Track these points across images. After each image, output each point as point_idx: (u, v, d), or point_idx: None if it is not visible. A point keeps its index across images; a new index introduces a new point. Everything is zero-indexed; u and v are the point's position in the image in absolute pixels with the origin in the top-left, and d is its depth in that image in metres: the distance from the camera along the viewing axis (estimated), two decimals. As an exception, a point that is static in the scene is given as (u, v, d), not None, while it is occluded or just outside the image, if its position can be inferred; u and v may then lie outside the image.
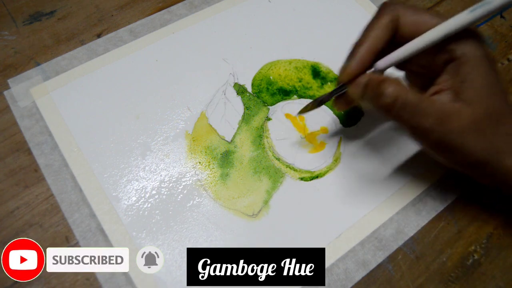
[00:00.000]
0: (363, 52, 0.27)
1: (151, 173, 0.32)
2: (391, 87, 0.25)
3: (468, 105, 0.25)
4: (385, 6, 0.27)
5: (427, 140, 0.26)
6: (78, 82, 0.35)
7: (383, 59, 0.27)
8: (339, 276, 0.30)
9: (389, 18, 0.27)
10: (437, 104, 0.25)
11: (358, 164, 0.34)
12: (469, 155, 0.26)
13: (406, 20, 0.27)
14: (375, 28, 0.27)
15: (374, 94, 0.26)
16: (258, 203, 0.32)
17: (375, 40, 0.27)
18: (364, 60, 0.27)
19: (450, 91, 0.26)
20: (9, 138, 0.33)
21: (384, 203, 0.33)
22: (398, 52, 0.27)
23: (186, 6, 0.40)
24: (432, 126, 0.25)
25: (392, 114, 0.26)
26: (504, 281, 0.31)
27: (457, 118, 0.25)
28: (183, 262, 0.29)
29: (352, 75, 0.27)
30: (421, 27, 0.26)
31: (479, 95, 0.25)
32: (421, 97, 0.25)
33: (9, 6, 0.38)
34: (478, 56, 0.25)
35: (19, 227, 0.30)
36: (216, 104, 0.35)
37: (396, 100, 0.25)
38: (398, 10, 0.27)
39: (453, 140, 0.25)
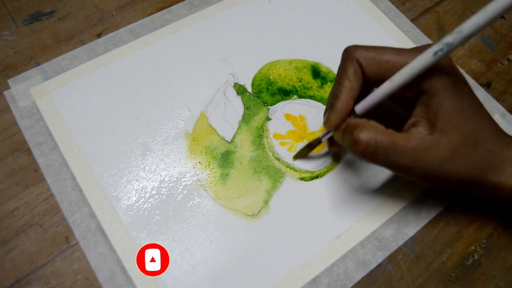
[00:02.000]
0: (341, 104, 0.28)
1: (151, 173, 0.32)
2: (362, 133, 0.26)
3: (444, 135, 0.26)
4: (346, 55, 0.28)
5: (410, 175, 0.27)
6: (78, 82, 0.35)
7: (359, 105, 0.28)
8: (339, 276, 0.30)
9: (353, 67, 0.28)
10: (412, 141, 0.26)
11: (358, 164, 0.34)
12: (453, 179, 0.27)
13: (367, 64, 0.27)
14: (345, 80, 0.28)
15: (350, 140, 0.27)
16: (258, 203, 0.32)
17: (348, 91, 0.28)
18: (343, 111, 0.28)
19: (425, 122, 0.26)
20: (9, 138, 0.33)
21: (384, 203, 0.33)
22: (371, 97, 0.28)
23: (186, 6, 0.40)
24: (411, 164, 0.26)
25: (367, 158, 0.27)
26: (504, 281, 0.31)
27: (435, 151, 0.26)
28: (183, 262, 0.29)
29: (335, 126, 0.29)
30: (383, 67, 0.27)
31: (453, 123, 0.26)
32: (394, 137, 0.26)
33: (9, 6, 0.38)
34: (446, 86, 0.26)
35: (19, 227, 0.30)
36: (216, 104, 0.35)
37: (368, 145, 0.26)
38: (358, 55, 0.28)
39: (435, 171, 0.26)
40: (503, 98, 0.39)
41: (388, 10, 0.43)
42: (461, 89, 0.26)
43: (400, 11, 0.43)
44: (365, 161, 0.27)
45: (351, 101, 0.28)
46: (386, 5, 0.43)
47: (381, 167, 0.27)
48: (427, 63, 0.25)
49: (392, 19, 0.42)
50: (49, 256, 0.29)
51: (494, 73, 0.41)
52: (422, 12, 0.44)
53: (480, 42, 0.42)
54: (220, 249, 0.30)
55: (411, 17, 0.43)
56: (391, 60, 0.27)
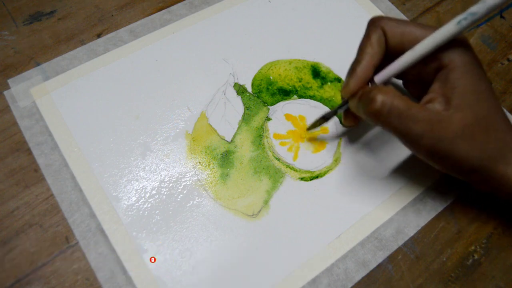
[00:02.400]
0: (361, 70, 0.28)
1: (151, 173, 0.32)
2: (379, 94, 0.26)
3: (459, 111, 0.25)
4: (372, 23, 0.29)
5: (419, 147, 0.26)
6: (78, 82, 0.35)
7: (379, 74, 0.28)
8: (339, 276, 0.30)
9: (378, 34, 0.28)
10: (427, 110, 0.26)
11: (358, 164, 0.34)
12: (462, 162, 0.26)
13: (392, 33, 0.28)
14: (368, 46, 0.28)
15: (365, 102, 0.27)
16: (258, 203, 0.32)
17: (370, 57, 0.28)
18: (362, 77, 0.28)
19: (441, 99, 0.26)
20: (9, 138, 0.33)
21: (384, 203, 0.33)
22: (392, 67, 0.28)
23: (186, 6, 0.40)
24: (423, 132, 0.26)
25: (381, 120, 0.26)
26: (504, 281, 0.31)
27: (448, 125, 0.25)
28: (183, 262, 0.29)
29: (352, 91, 0.28)
30: (407, 38, 0.27)
31: (469, 101, 0.26)
32: (410, 104, 0.26)
33: (9, 6, 0.38)
34: (466, 63, 0.26)
35: (19, 227, 0.30)
36: (216, 104, 0.35)
37: (383, 105, 0.26)
38: (384, 24, 0.28)
39: (444, 147, 0.26)
40: (503, 98, 0.39)
41: (388, 10, 0.43)
42: (479, 71, 0.26)
43: (400, 11, 0.43)
44: (378, 123, 0.27)
45: (371, 68, 0.28)
46: (386, 5, 0.43)
47: (392, 133, 0.27)
48: (450, 32, 0.25)
49: (392, 19, 0.42)
50: (49, 256, 0.29)
51: (494, 73, 0.41)
52: (422, 12, 0.44)
53: (480, 42, 0.42)
54: (220, 249, 0.30)
55: (411, 17, 0.43)
56: (415, 32, 0.27)
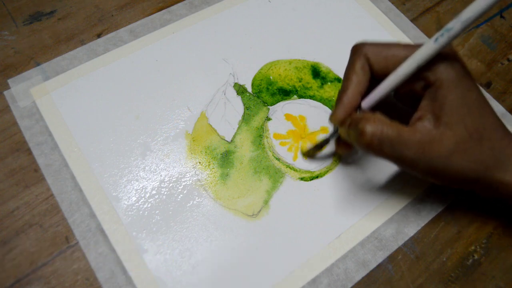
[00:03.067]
0: (347, 98, 0.28)
1: (151, 173, 0.32)
2: (367, 125, 0.26)
3: (449, 128, 0.26)
4: (354, 51, 0.29)
5: (415, 169, 0.27)
6: (78, 82, 0.35)
7: (366, 99, 0.29)
8: (339, 276, 0.30)
9: (361, 61, 0.28)
10: (417, 134, 0.26)
11: (358, 164, 0.34)
12: (458, 175, 0.26)
13: (376, 58, 0.28)
14: (353, 74, 0.28)
15: (355, 132, 0.27)
16: (258, 203, 0.32)
17: (356, 85, 0.28)
18: (349, 105, 0.28)
19: (431, 116, 0.26)
20: (9, 138, 0.33)
21: (384, 203, 0.33)
22: (378, 91, 0.28)
23: (186, 6, 0.40)
24: (416, 156, 0.26)
25: (373, 150, 0.27)
26: (504, 281, 0.31)
27: (440, 143, 0.26)
28: (183, 262, 0.29)
29: (340, 120, 0.29)
30: (390, 61, 0.27)
31: (459, 116, 0.26)
32: (399, 129, 0.26)
33: (9, 6, 0.38)
34: (452, 78, 0.26)
35: (19, 227, 0.30)
36: (216, 104, 0.35)
37: (373, 136, 0.26)
38: (366, 50, 0.28)
39: (439, 165, 0.26)
40: (503, 98, 0.39)
41: (388, 10, 0.43)
42: (467, 83, 0.26)
43: (400, 11, 0.43)
44: (371, 153, 0.27)
45: (358, 95, 0.28)
46: (386, 5, 0.43)
47: (386, 160, 0.27)
48: (430, 51, 0.25)
49: (392, 19, 0.42)
50: (49, 256, 0.29)
51: (494, 73, 0.41)
52: (422, 12, 0.44)
53: (480, 42, 0.42)
54: (220, 249, 0.30)
55: (411, 17, 0.43)
56: (398, 54, 0.27)
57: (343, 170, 0.34)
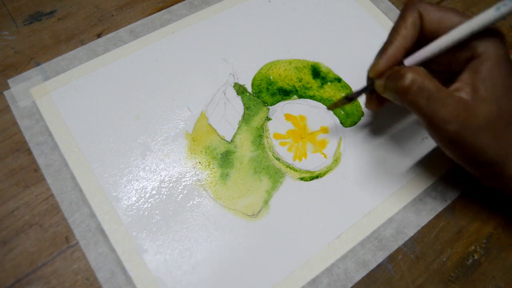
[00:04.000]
0: (392, 50, 0.27)
1: (151, 173, 0.32)
2: (410, 72, 0.26)
3: (485, 103, 0.25)
4: (409, 4, 0.28)
5: (442, 132, 0.26)
6: (78, 82, 0.35)
7: (410, 57, 0.28)
8: (339, 276, 0.30)
9: (414, 16, 0.27)
10: (455, 97, 0.25)
11: (358, 164, 0.34)
12: (480, 154, 0.26)
13: (430, 17, 0.27)
14: (402, 27, 0.27)
15: (394, 78, 0.27)
16: (258, 203, 0.32)
17: (403, 39, 0.27)
18: (393, 58, 0.28)
19: (469, 89, 0.26)
20: (9, 138, 0.33)
21: (384, 203, 0.33)
22: (425, 50, 0.27)
23: (186, 6, 0.40)
24: (449, 117, 0.25)
25: (409, 98, 0.26)
26: (504, 281, 0.31)
27: (474, 114, 0.25)
28: (183, 262, 0.29)
29: (381, 71, 0.28)
30: (444, 24, 0.27)
31: (496, 94, 0.25)
32: (440, 87, 0.26)
33: (9, 6, 0.38)
34: (499, 55, 0.26)
35: (19, 227, 0.30)
36: (216, 104, 0.35)
37: (413, 83, 0.26)
38: (422, 7, 0.27)
39: (467, 135, 0.26)
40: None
41: (388, 10, 0.43)
42: (510, 66, 0.26)
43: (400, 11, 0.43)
44: (405, 102, 0.26)
45: (403, 50, 0.27)
46: (386, 5, 0.43)
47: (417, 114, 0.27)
48: (489, 19, 0.24)
49: (392, 19, 0.42)
50: (49, 256, 0.29)
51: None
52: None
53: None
54: (220, 249, 0.30)
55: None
56: (453, 19, 0.27)
57: (343, 170, 0.34)
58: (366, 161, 0.34)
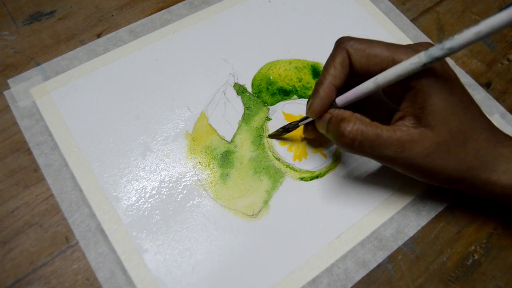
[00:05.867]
0: (323, 91, 0.28)
1: (151, 173, 0.32)
2: (349, 126, 0.27)
3: (431, 129, 0.26)
4: (338, 44, 0.29)
5: (396, 166, 0.27)
6: (78, 82, 0.35)
7: (341, 97, 0.29)
8: (339, 276, 0.30)
9: (342, 55, 0.28)
10: (397, 132, 0.26)
11: (358, 164, 0.34)
12: (441, 174, 0.27)
13: (357, 55, 0.28)
14: (331, 68, 0.28)
15: (335, 133, 0.27)
16: (258, 203, 0.32)
17: (332, 79, 0.28)
18: (325, 98, 0.28)
19: (412, 117, 0.26)
20: (9, 138, 0.33)
21: (384, 203, 0.33)
22: (353, 92, 0.28)
23: (186, 6, 0.40)
24: (395, 154, 0.26)
25: (355, 150, 0.27)
26: (504, 281, 0.31)
27: (419, 143, 0.26)
28: (183, 262, 0.29)
29: (317, 112, 0.29)
30: (372, 60, 0.27)
31: (440, 119, 0.26)
32: (379, 131, 0.26)
33: (9, 6, 0.38)
34: (433, 82, 0.26)
35: (19, 227, 0.30)
36: (216, 104, 0.35)
37: (354, 138, 0.26)
38: (349, 46, 0.28)
39: (420, 163, 0.26)
40: (503, 98, 0.39)
41: (388, 10, 0.43)
42: (451, 86, 0.26)
43: (400, 11, 0.43)
44: (351, 152, 0.28)
45: (333, 89, 0.28)
46: (386, 5, 0.43)
47: (367, 157, 0.28)
48: (413, 69, 0.25)
49: (392, 19, 0.42)
50: (49, 256, 0.29)
51: (494, 73, 0.41)
52: (422, 12, 0.44)
53: (480, 42, 0.42)
54: (220, 249, 0.30)
55: (411, 17, 0.43)
56: (380, 54, 0.27)
57: (343, 170, 0.34)
58: (366, 161, 0.34)
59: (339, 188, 0.33)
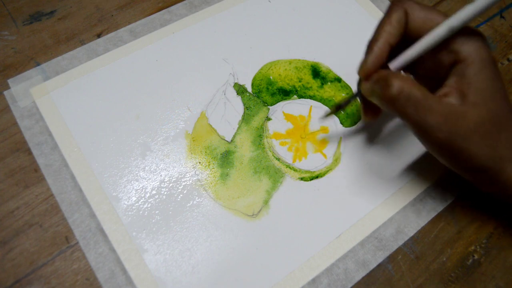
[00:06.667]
0: (378, 48, 0.27)
1: (151, 173, 0.32)
2: (396, 79, 0.26)
3: (474, 107, 0.25)
4: (395, 2, 0.28)
5: (432, 139, 0.26)
6: (78, 82, 0.35)
7: (395, 60, 0.28)
8: (339, 276, 0.30)
9: (399, 14, 0.27)
10: (443, 103, 0.25)
11: (358, 164, 0.34)
12: (472, 160, 0.26)
13: (415, 16, 0.27)
14: (387, 24, 0.27)
15: (381, 86, 0.26)
16: (258, 203, 0.32)
17: (388, 36, 0.27)
18: (379, 55, 0.27)
19: (457, 94, 0.26)
20: (9, 138, 0.33)
21: (384, 203, 0.33)
22: (409, 52, 0.27)
23: (186, 6, 0.40)
24: (438, 124, 0.25)
25: (396, 107, 0.26)
26: (504, 281, 0.31)
27: (463, 120, 0.25)
28: (183, 262, 0.29)
29: (369, 71, 0.28)
30: (429, 24, 0.27)
31: (484, 98, 0.25)
32: (427, 94, 0.25)
33: (9, 6, 0.38)
34: (483, 59, 0.25)
35: (19, 227, 0.30)
36: (216, 104, 0.35)
37: (401, 91, 0.25)
38: (407, 6, 0.27)
39: (457, 141, 0.25)
40: (503, 98, 0.39)
41: (388, 10, 0.43)
42: (495, 70, 0.26)
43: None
44: (392, 110, 0.26)
45: (388, 46, 0.27)
46: (386, 5, 0.43)
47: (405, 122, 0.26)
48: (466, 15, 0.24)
49: (392, 19, 0.42)
50: (49, 256, 0.29)
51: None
52: (422, 12, 0.44)
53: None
54: (220, 249, 0.30)
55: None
56: (438, 19, 0.26)
57: (343, 170, 0.34)
58: (366, 161, 0.34)
59: (339, 188, 0.33)
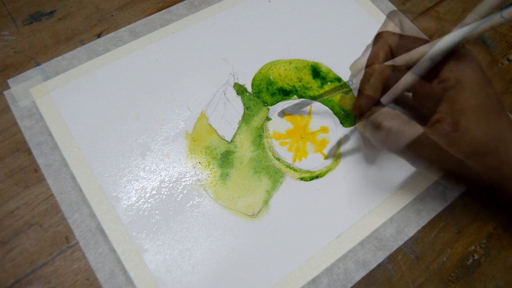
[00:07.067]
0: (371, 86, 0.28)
1: (151, 173, 0.32)
2: (386, 120, 0.26)
3: (468, 133, 0.25)
4: (378, 38, 0.29)
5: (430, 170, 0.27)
6: (78, 82, 0.35)
7: (386, 95, 0.28)
8: (339, 276, 0.30)
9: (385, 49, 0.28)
10: (435, 135, 0.26)
11: (358, 164, 0.34)
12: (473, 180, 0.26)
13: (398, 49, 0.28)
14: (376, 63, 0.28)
15: (372, 127, 0.27)
16: (258, 203, 0.32)
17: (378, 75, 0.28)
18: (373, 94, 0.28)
19: (450, 120, 0.26)
20: (9, 138, 0.33)
21: (384, 203, 0.33)
22: (399, 85, 0.27)
23: (186, 6, 0.40)
24: (432, 157, 0.26)
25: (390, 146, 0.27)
26: (504, 281, 0.31)
27: (457, 147, 0.25)
28: (183, 262, 0.29)
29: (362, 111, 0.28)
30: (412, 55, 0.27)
31: (477, 122, 0.25)
32: (418, 129, 0.26)
33: (9, 6, 0.38)
34: (474, 82, 0.26)
35: (19, 227, 0.30)
36: (216, 104, 0.35)
37: (390, 132, 0.26)
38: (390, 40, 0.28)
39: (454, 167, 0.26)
40: (503, 98, 0.39)
41: (388, 10, 0.43)
42: (487, 88, 0.26)
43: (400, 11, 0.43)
44: (386, 149, 0.27)
45: (380, 85, 0.28)
46: (386, 5, 0.43)
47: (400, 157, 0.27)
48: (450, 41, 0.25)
49: (392, 19, 0.42)
50: (49, 256, 0.29)
51: (494, 73, 0.41)
52: (422, 12, 0.44)
53: (480, 42, 0.42)
54: (220, 249, 0.30)
55: (411, 17, 0.43)
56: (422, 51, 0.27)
57: (343, 170, 0.34)
58: (366, 161, 0.34)
59: (339, 188, 0.33)
